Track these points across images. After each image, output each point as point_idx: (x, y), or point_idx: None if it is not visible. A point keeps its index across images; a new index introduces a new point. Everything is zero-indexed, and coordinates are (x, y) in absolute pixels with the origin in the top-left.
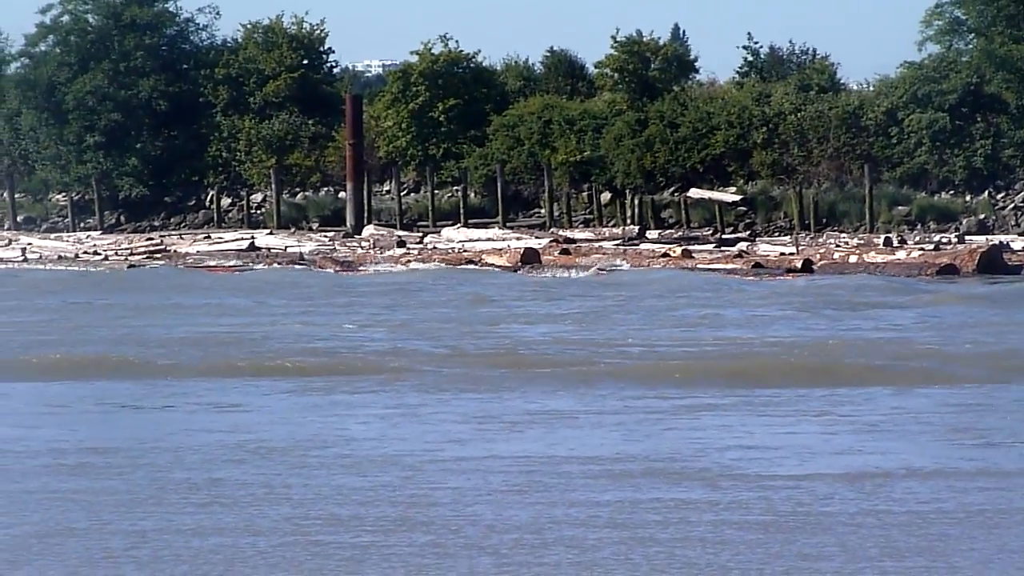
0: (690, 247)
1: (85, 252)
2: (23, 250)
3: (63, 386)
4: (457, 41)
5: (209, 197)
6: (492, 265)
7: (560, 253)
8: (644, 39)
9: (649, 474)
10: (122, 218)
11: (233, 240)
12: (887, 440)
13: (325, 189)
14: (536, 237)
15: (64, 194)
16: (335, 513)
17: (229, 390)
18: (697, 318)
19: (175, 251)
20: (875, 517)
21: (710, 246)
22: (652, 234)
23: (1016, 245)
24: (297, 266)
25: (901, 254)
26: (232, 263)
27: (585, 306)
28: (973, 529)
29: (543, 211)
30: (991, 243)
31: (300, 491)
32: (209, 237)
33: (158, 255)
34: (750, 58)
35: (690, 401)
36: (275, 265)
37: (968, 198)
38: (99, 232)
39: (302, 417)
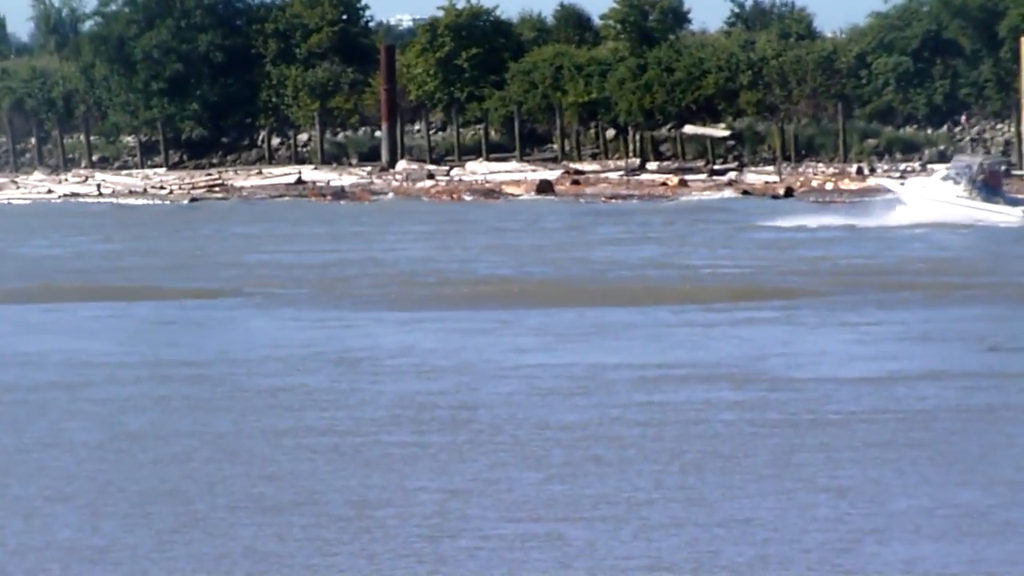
0: (686, 177)
1: (152, 187)
2: (98, 186)
3: (192, 307)
4: None
5: (261, 137)
6: (511, 193)
7: (571, 183)
8: None
9: (688, 379)
10: (184, 156)
11: (282, 175)
12: (912, 346)
13: (363, 129)
14: (550, 169)
15: (133, 136)
16: (397, 415)
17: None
18: (725, 239)
19: (231, 185)
20: (890, 414)
21: (703, 176)
22: (652, 166)
23: None
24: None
25: (872, 181)
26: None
27: (626, 232)
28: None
29: (555, 146)
30: None
31: (369, 396)
32: (261, 172)
33: (216, 188)
34: (736, 10)
35: (737, 315)
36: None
37: (930, 131)
38: (164, 169)
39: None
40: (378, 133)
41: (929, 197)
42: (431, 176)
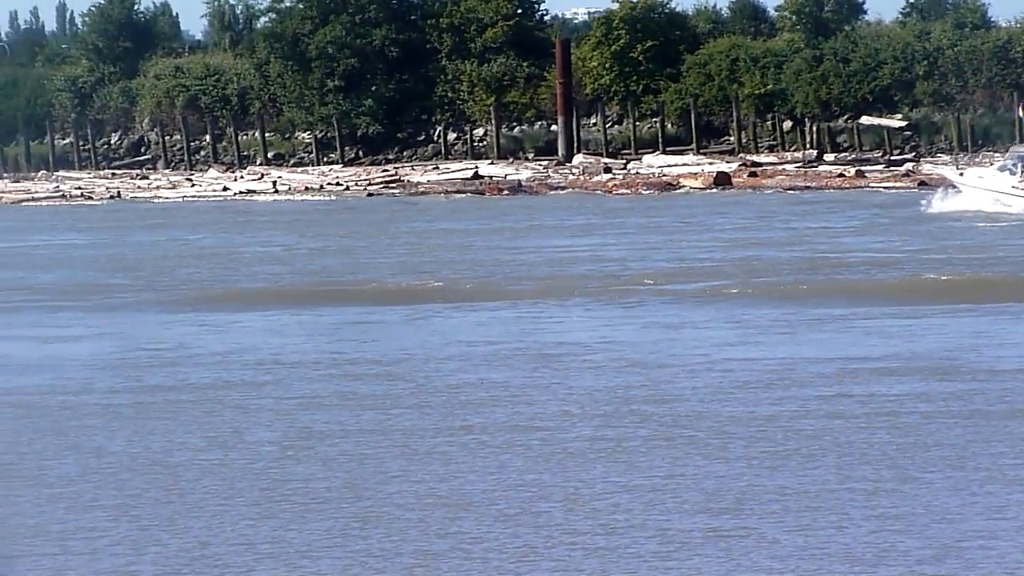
0: (862, 168)
1: (329, 183)
2: (274, 182)
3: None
4: None
5: (436, 132)
6: (688, 186)
7: (748, 175)
8: None
9: (882, 372)
10: (360, 152)
11: (458, 169)
12: None
13: (539, 123)
14: (727, 161)
15: (308, 132)
16: (567, 410)
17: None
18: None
19: (408, 180)
20: None
21: (880, 167)
22: (829, 157)
23: None
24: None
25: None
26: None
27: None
28: None
29: (732, 138)
30: None
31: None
32: (437, 168)
33: (393, 184)
34: (911, 0)
35: (943, 307)
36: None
37: None
38: (340, 165)
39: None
40: (554, 127)
41: (986, 187)
42: (608, 170)
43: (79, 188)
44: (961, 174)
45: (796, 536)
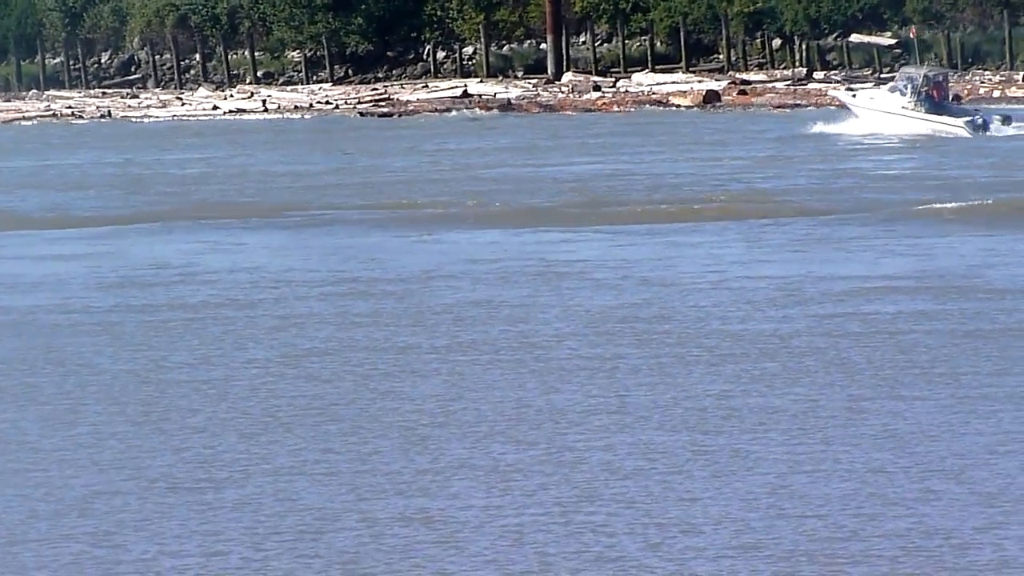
0: (852, 86)
1: (318, 102)
2: (263, 101)
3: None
4: None
5: (426, 51)
6: (677, 105)
7: (738, 93)
8: None
9: (890, 291)
10: (350, 71)
11: (448, 88)
12: None
13: (528, 41)
14: (716, 80)
15: (298, 51)
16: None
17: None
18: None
19: (398, 99)
20: None
21: (870, 84)
22: (818, 75)
23: None
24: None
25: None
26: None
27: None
28: None
29: (721, 56)
30: None
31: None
32: (427, 86)
33: (383, 103)
34: None
35: (958, 226)
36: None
37: None
38: (329, 84)
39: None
40: (543, 45)
41: (878, 108)
42: (597, 88)
43: (70, 108)
44: (854, 95)
45: (782, 452)
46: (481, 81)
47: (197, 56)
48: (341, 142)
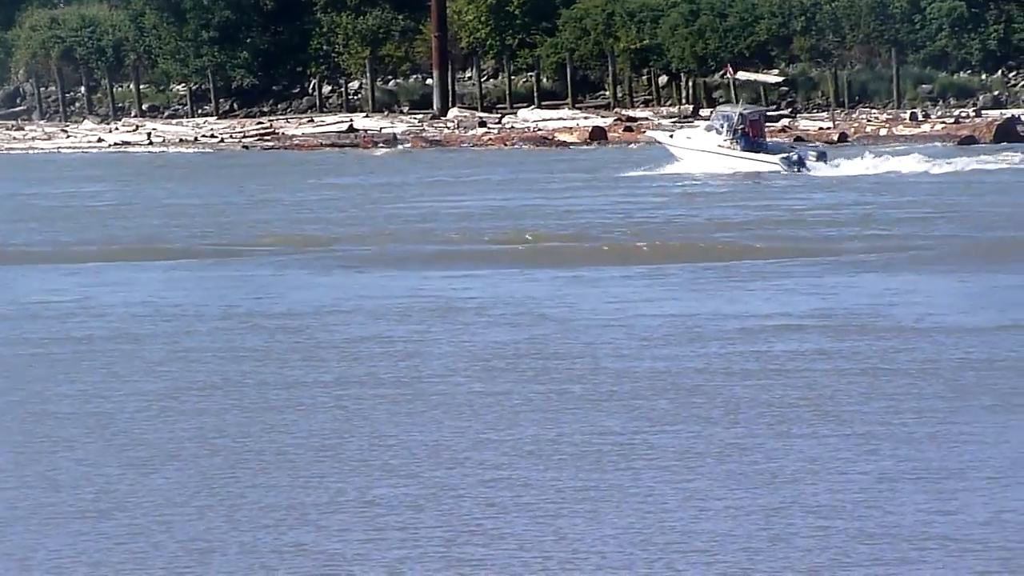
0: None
1: (203, 136)
2: (148, 134)
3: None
4: None
5: (312, 85)
6: (564, 142)
7: (624, 130)
8: None
9: (784, 328)
10: (235, 105)
11: (334, 123)
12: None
13: (414, 76)
14: (602, 116)
15: (183, 84)
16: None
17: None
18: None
19: (283, 133)
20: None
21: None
22: (705, 112)
23: None
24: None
25: (926, 127)
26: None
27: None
28: None
29: (608, 93)
30: (1005, 116)
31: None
32: (312, 121)
33: (268, 137)
34: None
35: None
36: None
37: (984, 76)
38: (215, 118)
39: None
40: (429, 81)
41: (694, 147)
42: (483, 124)
43: None
44: (671, 135)
45: (667, 489)
46: (367, 116)
47: (82, 88)
48: (230, 176)
